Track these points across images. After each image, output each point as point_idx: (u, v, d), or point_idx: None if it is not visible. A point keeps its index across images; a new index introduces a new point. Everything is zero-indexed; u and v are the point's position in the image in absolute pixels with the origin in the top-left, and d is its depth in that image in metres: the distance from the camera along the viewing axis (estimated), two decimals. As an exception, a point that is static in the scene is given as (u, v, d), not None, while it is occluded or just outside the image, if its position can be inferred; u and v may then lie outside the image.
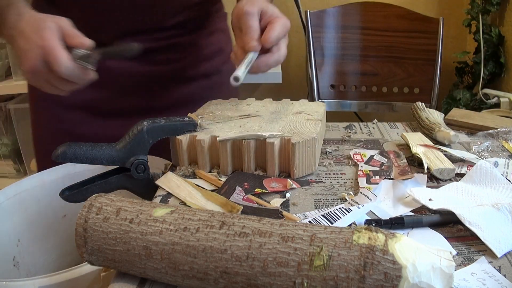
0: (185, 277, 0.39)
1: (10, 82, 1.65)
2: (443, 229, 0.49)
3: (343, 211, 0.50)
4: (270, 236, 0.37)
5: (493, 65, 1.50)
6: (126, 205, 0.43)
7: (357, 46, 1.54)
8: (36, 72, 0.61)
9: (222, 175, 0.61)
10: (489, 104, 1.40)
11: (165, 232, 0.40)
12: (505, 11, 1.49)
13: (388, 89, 1.56)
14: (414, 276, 0.33)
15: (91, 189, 0.58)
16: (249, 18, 0.68)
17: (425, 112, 0.78)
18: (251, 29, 0.67)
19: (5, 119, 1.78)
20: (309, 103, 0.76)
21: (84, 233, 0.42)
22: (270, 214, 0.51)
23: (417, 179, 0.58)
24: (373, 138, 0.75)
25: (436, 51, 1.47)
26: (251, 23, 0.68)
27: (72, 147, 0.56)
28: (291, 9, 1.68)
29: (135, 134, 0.58)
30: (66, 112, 0.87)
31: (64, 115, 0.87)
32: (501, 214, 0.49)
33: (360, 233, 0.36)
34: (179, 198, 0.56)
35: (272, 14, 0.69)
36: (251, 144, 0.60)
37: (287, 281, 0.36)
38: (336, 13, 1.54)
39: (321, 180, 0.61)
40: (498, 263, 0.44)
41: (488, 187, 0.57)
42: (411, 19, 1.49)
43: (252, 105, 0.75)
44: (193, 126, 0.63)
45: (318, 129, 0.62)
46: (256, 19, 0.68)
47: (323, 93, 1.58)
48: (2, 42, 1.62)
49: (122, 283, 0.43)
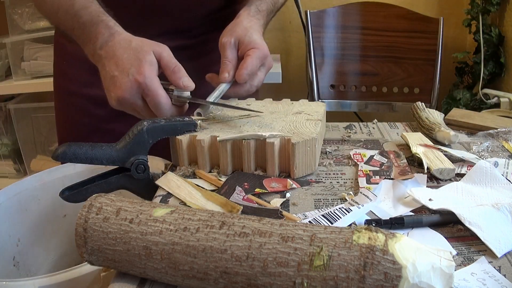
0: (185, 277, 0.39)
1: (10, 82, 1.65)
2: (443, 229, 0.49)
3: (343, 211, 0.50)
4: (270, 236, 0.37)
5: (493, 65, 1.50)
6: (126, 205, 0.43)
7: (357, 46, 1.54)
8: (126, 103, 0.62)
9: (222, 175, 0.61)
10: (489, 104, 1.40)
11: (165, 232, 0.40)
12: (505, 11, 1.49)
13: (388, 89, 1.56)
14: (414, 276, 0.33)
15: (91, 189, 0.58)
16: (225, 48, 0.71)
17: (425, 112, 0.78)
18: (225, 59, 0.70)
19: (5, 119, 1.78)
20: (309, 103, 0.76)
21: (84, 233, 0.42)
22: (270, 214, 0.51)
23: (417, 179, 0.58)
24: (373, 138, 0.75)
25: (436, 51, 1.47)
26: (226, 54, 0.70)
27: (72, 147, 0.56)
28: (291, 9, 1.68)
29: (135, 134, 0.58)
30: (96, 108, 0.87)
31: (94, 110, 0.88)
32: (501, 214, 0.49)
33: (360, 233, 0.36)
34: (179, 198, 0.56)
35: (249, 44, 0.70)
36: (251, 144, 0.60)
37: (287, 281, 0.36)
38: (336, 13, 1.54)
39: (321, 180, 0.61)
40: (498, 263, 0.44)
41: (488, 187, 0.57)
42: (411, 19, 1.49)
43: (252, 105, 0.75)
44: (193, 126, 0.63)
45: (318, 129, 0.62)
46: (231, 49, 0.70)
47: (323, 93, 1.58)
48: (2, 42, 1.62)
49: (122, 283, 0.43)
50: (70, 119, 0.92)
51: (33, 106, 1.76)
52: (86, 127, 0.89)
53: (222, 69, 0.70)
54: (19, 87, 1.64)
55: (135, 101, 0.62)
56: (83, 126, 0.90)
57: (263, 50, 0.71)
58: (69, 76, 0.90)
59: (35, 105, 1.76)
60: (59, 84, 0.93)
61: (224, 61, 0.70)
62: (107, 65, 0.62)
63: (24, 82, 1.63)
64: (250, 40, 0.71)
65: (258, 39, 0.72)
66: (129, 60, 0.61)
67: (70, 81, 0.90)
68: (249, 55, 0.70)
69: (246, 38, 0.71)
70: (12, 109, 1.73)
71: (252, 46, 0.70)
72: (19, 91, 1.72)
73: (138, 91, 0.61)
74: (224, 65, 0.70)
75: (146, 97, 0.61)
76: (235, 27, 0.72)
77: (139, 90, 0.61)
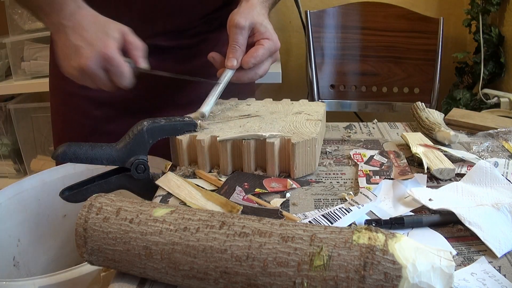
0: (185, 277, 0.39)
1: (10, 82, 1.65)
2: (443, 229, 0.49)
3: (343, 211, 0.50)
4: (270, 236, 0.37)
5: (493, 65, 1.50)
6: (126, 205, 0.43)
7: (357, 46, 1.54)
8: (88, 72, 0.62)
9: (222, 175, 0.61)
10: (489, 104, 1.40)
11: (165, 232, 0.40)
12: (505, 11, 1.49)
13: (388, 89, 1.56)
14: (414, 276, 0.33)
15: (91, 189, 0.58)
16: (237, 32, 0.68)
17: (425, 112, 0.78)
18: (235, 44, 0.68)
19: (5, 119, 1.78)
20: (309, 103, 0.76)
21: (84, 233, 0.42)
22: (270, 214, 0.51)
23: (417, 179, 0.58)
24: (373, 138, 0.75)
25: (436, 51, 1.47)
26: (237, 38, 0.68)
27: (72, 147, 0.56)
28: (291, 9, 1.68)
29: (135, 134, 0.58)
30: (94, 108, 0.87)
31: (92, 111, 0.87)
32: (501, 214, 0.49)
33: (360, 233, 0.36)
34: (179, 198, 0.56)
35: (264, 33, 0.69)
36: (251, 144, 0.60)
37: (287, 281, 0.36)
38: (336, 13, 1.54)
39: (321, 180, 0.61)
40: (498, 263, 0.44)
41: (488, 187, 0.57)
42: (411, 19, 1.49)
43: (252, 105, 0.75)
44: (193, 126, 0.63)
45: (318, 129, 0.62)
46: (244, 34, 0.68)
47: (323, 93, 1.58)
48: (2, 42, 1.62)
49: (122, 283, 0.43)
50: (67, 120, 0.92)
51: (33, 106, 1.76)
52: (84, 128, 0.89)
53: (230, 54, 0.68)
54: (19, 87, 1.64)
55: (97, 71, 0.62)
56: (80, 127, 0.89)
57: (276, 43, 0.70)
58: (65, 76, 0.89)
59: (35, 105, 1.76)
60: (55, 84, 0.92)
61: (234, 45, 0.68)
62: (70, 34, 0.63)
63: (24, 82, 1.63)
64: (266, 29, 0.69)
65: (272, 29, 0.70)
66: (96, 34, 0.62)
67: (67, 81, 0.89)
68: (262, 45, 0.68)
69: (262, 27, 0.69)
70: (12, 109, 1.73)
71: (267, 36, 0.69)
72: (19, 91, 1.72)
73: (102, 63, 0.62)
74: (233, 50, 0.68)
75: (110, 68, 0.62)
76: (251, 11, 0.70)
77: (103, 62, 0.62)
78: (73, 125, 0.91)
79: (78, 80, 0.65)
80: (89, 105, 0.87)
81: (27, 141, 1.82)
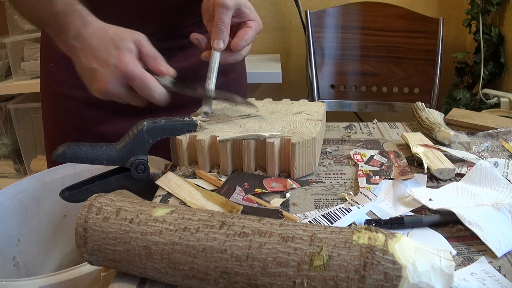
0: (185, 277, 0.39)
1: (10, 82, 1.65)
2: (443, 229, 0.49)
3: (343, 211, 0.50)
4: (270, 236, 0.37)
5: (493, 65, 1.50)
6: (126, 205, 0.43)
7: (357, 46, 1.54)
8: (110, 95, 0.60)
9: (222, 175, 0.61)
10: (489, 104, 1.40)
11: (165, 232, 0.40)
12: (505, 11, 1.50)
13: (388, 89, 1.56)
14: (414, 276, 0.33)
15: (91, 189, 0.58)
16: (223, 12, 0.66)
17: (425, 112, 0.78)
18: (221, 24, 0.66)
19: (5, 119, 1.79)
20: (309, 103, 0.76)
21: (84, 233, 0.42)
22: (270, 214, 0.51)
23: (417, 179, 0.58)
24: (373, 138, 0.75)
25: (436, 51, 1.47)
26: (223, 18, 0.66)
27: (72, 147, 0.56)
28: (291, 9, 1.68)
29: (135, 134, 0.58)
30: (85, 110, 0.86)
31: (83, 112, 0.86)
32: (501, 214, 0.49)
33: (360, 233, 0.36)
34: (179, 198, 0.56)
35: (249, 15, 0.68)
36: (251, 144, 0.60)
37: (287, 281, 0.36)
38: (336, 13, 1.54)
39: (321, 180, 0.61)
40: (498, 263, 0.44)
41: (488, 187, 0.57)
42: (411, 19, 1.49)
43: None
44: (193, 126, 0.63)
45: (318, 129, 0.62)
46: (229, 14, 0.66)
47: (323, 93, 1.58)
48: (2, 42, 1.62)
49: (122, 283, 0.43)
50: (57, 121, 0.90)
51: (33, 106, 1.76)
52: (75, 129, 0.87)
53: (216, 35, 0.66)
54: (19, 87, 1.64)
55: (119, 90, 0.59)
56: (71, 128, 0.88)
57: (260, 24, 0.70)
58: (56, 77, 0.88)
59: (35, 105, 1.76)
60: (47, 85, 0.91)
61: (221, 26, 0.66)
62: (83, 57, 0.59)
63: (24, 82, 1.63)
64: (251, 10, 0.68)
65: (254, 10, 0.70)
66: (107, 50, 0.58)
67: (57, 82, 0.88)
68: (250, 27, 0.68)
69: (246, 8, 0.68)
70: (12, 109, 1.73)
71: (252, 18, 0.68)
72: (19, 91, 1.72)
73: (121, 80, 0.59)
74: (219, 31, 0.66)
75: (133, 83, 0.59)
76: None
77: (122, 79, 0.59)
78: (63, 127, 0.89)
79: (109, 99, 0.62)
80: (79, 107, 0.86)
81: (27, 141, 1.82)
